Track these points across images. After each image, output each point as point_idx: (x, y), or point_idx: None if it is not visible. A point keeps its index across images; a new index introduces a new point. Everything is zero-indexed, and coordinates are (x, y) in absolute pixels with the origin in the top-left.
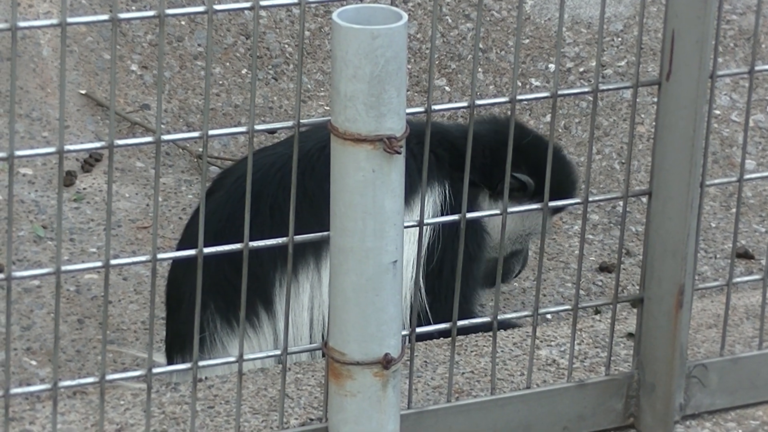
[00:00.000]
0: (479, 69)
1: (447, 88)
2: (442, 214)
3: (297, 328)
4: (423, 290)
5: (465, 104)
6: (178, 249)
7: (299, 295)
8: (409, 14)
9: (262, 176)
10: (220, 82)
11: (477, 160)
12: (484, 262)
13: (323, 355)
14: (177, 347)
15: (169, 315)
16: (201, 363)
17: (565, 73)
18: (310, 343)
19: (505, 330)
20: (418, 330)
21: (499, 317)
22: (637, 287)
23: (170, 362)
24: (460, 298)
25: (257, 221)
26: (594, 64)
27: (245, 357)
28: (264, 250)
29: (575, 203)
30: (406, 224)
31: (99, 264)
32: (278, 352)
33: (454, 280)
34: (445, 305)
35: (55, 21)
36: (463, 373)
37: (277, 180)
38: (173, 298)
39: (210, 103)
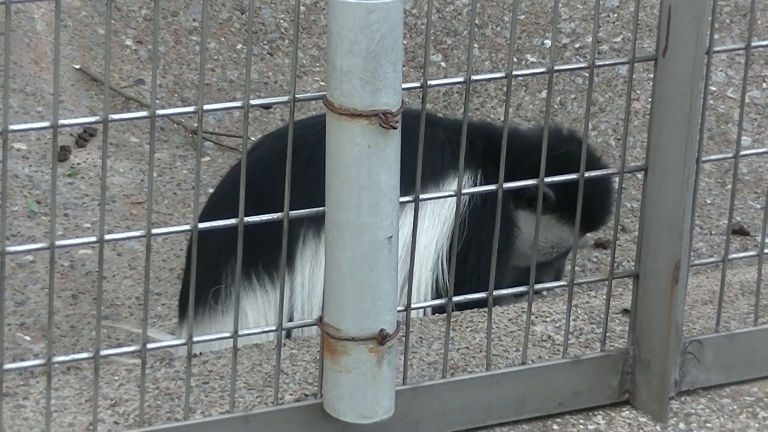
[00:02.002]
0: (475, 45)
1: (443, 63)
2: (469, 202)
3: (313, 284)
4: (446, 272)
5: (461, 80)
6: (210, 200)
7: (317, 253)
8: None
9: (303, 134)
10: (215, 57)
11: (509, 162)
12: (512, 257)
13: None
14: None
15: (188, 267)
16: (195, 339)
17: (561, 49)
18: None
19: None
20: (414, 306)
21: (495, 293)
22: (633, 263)
23: (183, 315)
24: (479, 283)
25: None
26: (590, 39)
27: (240, 333)
28: (292, 204)
29: (569, 179)
30: (402, 199)
31: (93, 239)
32: (273, 328)
33: (479, 266)
34: (468, 289)
35: None
36: (459, 349)
37: (317, 139)
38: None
39: (205, 78)
